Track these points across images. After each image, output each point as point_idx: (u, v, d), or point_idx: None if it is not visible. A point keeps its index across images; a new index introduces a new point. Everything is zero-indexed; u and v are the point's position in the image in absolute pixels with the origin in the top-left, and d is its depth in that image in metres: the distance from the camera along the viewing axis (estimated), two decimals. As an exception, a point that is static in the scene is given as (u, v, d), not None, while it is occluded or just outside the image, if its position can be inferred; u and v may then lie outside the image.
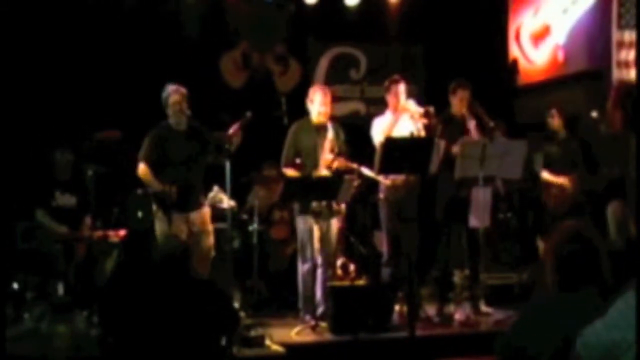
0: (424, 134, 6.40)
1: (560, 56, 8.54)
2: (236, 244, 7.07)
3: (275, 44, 8.72)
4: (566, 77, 8.45)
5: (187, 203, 6.03)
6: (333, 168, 6.31)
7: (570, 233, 2.73)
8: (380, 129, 6.47)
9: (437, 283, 6.87)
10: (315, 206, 6.20)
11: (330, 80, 8.93)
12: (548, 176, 7.00)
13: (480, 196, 6.29)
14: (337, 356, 5.78)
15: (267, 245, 7.41)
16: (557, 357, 2.46)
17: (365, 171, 6.43)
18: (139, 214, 6.89)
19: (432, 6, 8.80)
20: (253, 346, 5.52)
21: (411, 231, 6.37)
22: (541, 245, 7.04)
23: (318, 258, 6.29)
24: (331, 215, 6.36)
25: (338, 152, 6.36)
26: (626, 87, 6.79)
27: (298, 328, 6.04)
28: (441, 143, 6.23)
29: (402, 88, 6.54)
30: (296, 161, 6.35)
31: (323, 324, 6.09)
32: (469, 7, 8.75)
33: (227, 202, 6.28)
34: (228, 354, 4.51)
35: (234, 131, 5.83)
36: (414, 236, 6.37)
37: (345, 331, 5.85)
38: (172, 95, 6.03)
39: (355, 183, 6.33)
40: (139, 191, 6.83)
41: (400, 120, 6.49)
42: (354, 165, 6.40)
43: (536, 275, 6.88)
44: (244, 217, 7.14)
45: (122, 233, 6.71)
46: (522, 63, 9.12)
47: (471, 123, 6.58)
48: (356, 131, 6.92)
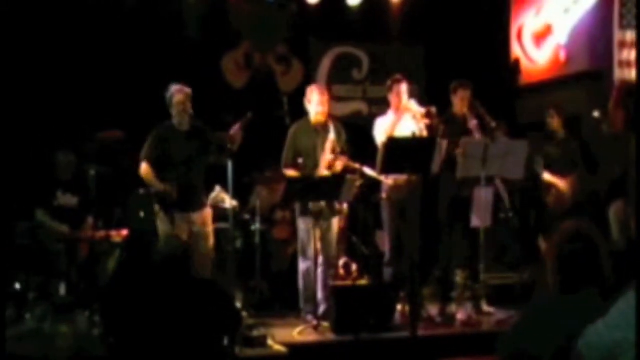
0: (426, 134, 6.40)
1: (562, 56, 8.54)
2: (238, 244, 7.07)
3: (277, 44, 8.72)
4: (568, 77, 8.45)
5: (189, 203, 6.04)
6: (334, 169, 6.31)
7: (571, 233, 2.73)
8: (382, 129, 6.47)
9: (439, 283, 6.87)
10: (313, 207, 6.20)
11: (332, 80, 8.95)
12: (548, 176, 6.99)
13: (482, 196, 6.29)
14: (339, 356, 5.78)
15: (270, 245, 7.41)
16: (559, 358, 2.46)
17: (367, 171, 6.43)
18: (141, 214, 6.90)
19: (434, 6, 8.80)
20: (255, 346, 5.53)
21: (413, 231, 6.37)
22: (542, 245, 7.04)
23: (319, 258, 6.30)
24: (332, 215, 6.37)
25: (340, 152, 6.35)
26: (628, 87, 6.80)
27: (300, 328, 6.04)
28: (443, 143, 6.22)
29: (405, 88, 6.54)
30: (298, 161, 6.35)
31: (325, 324, 6.09)
32: (471, 7, 8.75)
33: (229, 202, 6.28)
34: (230, 354, 4.51)
35: (235, 131, 5.83)
36: (416, 236, 6.36)
37: (347, 331, 5.85)
38: (176, 94, 6.03)
39: (357, 183, 6.34)
40: (141, 191, 6.83)
41: (402, 120, 6.49)
42: (356, 165, 6.40)
43: (537, 275, 6.88)
44: (246, 217, 7.15)
45: (124, 233, 6.72)
46: (524, 63, 9.12)
47: (473, 123, 6.58)
48: (358, 131, 6.93)
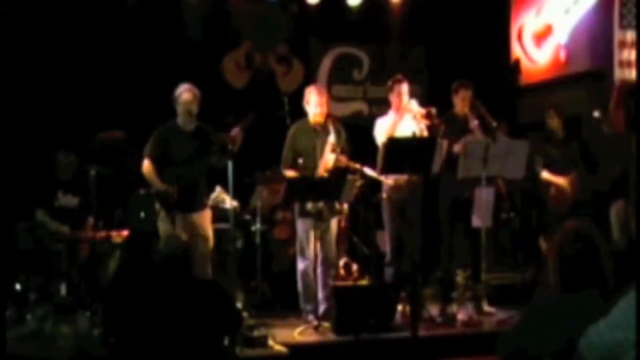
0: (427, 135, 6.39)
1: (562, 56, 8.54)
2: (239, 245, 7.07)
3: (277, 44, 8.72)
4: (568, 77, 8.45)
5: (190, 203, 6.04)
6: (333, 169, 6.30)
7: (572, 233, 2.73)
8: (383, 129, 6.47)
9: (440, 283, 6.87)
10: (311, 208, 6.20)
11: (332, 80, 8.95)
12: (547, 176, 6.99)
13: (483, 196, 6.29)
14: (340, 356, 5.78)
15: (270, 245, 7.41)
16: (560, 358, 2.46)
17: (367, 171, 6.43)
18: (142, 215, 6.90)
19: (435, 6, 8.79)
20: (256, 346, 5.53)
21: (414, 231, 6.37)
22: (543, 245, 7.04)
23: (318, 258, 6.30)
24: (331, 216, 6.36)
25: (340, 152, 6.35)
26: (628, 87, 6.80)
27: (301, 328, 6.04)
28: (444, 143, 6.22)
29: (405, 88, 6.54)
30: (298, 161, 6.35)
31: (326, 324, 6.09)
32: (471, 7, 8.75)
33: (230, 203, 6.28)
34: (231, 354, 4.51)
35: (236, 132, 5.84)
36: (417, 236, 6.36)
37: (347, 331, 5.85)
38: (184, 94, 6.05)
39: (358, 183, 6.33)
40: (142, 191, 6.83)
41: (403, 120, 6.49)
42: (357, 165, 6.40)
43: (538, 275, 6.87)
44: (247, 218, 7.14)
45: (125, 233, 6.72)
46: (524, 63, 9.12)
47: (473, 123, 6.58)
48: (359, 131, 6.92)
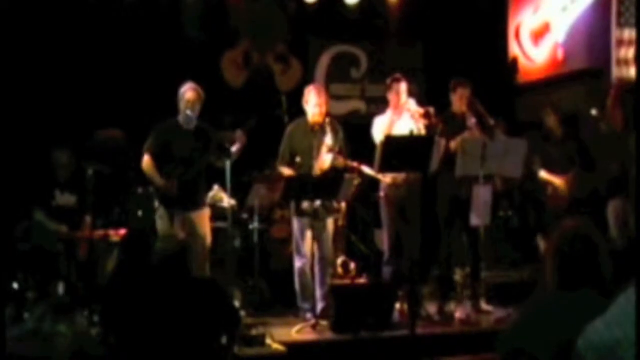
0: (425, 134, 6.39)
1: (560, 54, 8.54)
2: (237, 243, 7.07)
3: (276, 43, 8.72)
4: (566, 75, 8.45)
5: (189, 201, 6.06)
6: (329, 169, 6.30)
7: (570, 232, 2.73)
8: (380, 128, 6.47)
9: (438, 281, 6.87)
10: (307, 207, 6.20)
11: (330, 79, 8.95)
12: (546, 175, 6.99)
13: (481, 195, 6.30)
14: (338, 355, 5.78)
15: (268, 244, 7.41)
16: (558, 356, 2.46)
17: (365, 170, 6.43)
18: (140, 213, 6.90)
19: (432, 5, 8.80)
20: (254, 345, 5.53)
21: (412, 230, 6.37)
22: (542, 244, 7.04)
23: (315, 256, 6.31)
24: (326, 215, 6.35)
25: (338, 152, 6.36)
26: (626, 85, 6.81)
27: (299, 327, 6.04)
28: (442, 141, 6.23)
29: (404, 87, 6.53)
30: (296, 160, 6.35)
31: (324, 323, 6.09)
32: (469, 6, 8.76)
33: (228, 201, 6.29)
34: (229, 353, 4.51)
35: (240, 135, 5.89)
36: (415, 235, 6.36)
37: (346, 330, 5.86)
38: (188, 92, 6.07)
39: (355, 182, 6.34)
40: (140, 190, 6.84)
41: (401, 119, 6.49)
42: (355, 164, 6.40)
43: (537, 274, 6.88)
44: (245, 217, 7.15)
45: (123, 232, 6.71)
46: (522, 61, 9.13)
47: (471, 121, 6.58)
48: (357, 130, 6.92)
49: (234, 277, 6.33)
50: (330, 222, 6.44)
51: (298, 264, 6.40)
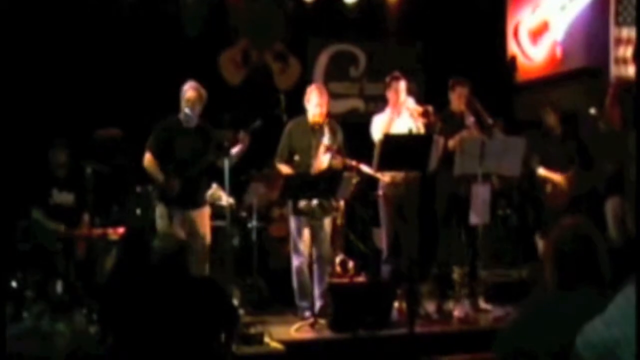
0: (424, 132, 6.40)
1: (558, 53, 8.55)
2: (235, 242, 7.07)
3: (274, 42, 8.71)
4: (564, 74, 8.46)
5: (189, 200, 6.05)
6: (327, 169, 6.30)
7: (569, 230, 2.73)
8: (379, 126, 6.47)
9: (437, 280, 6.87)
10: (303, 206, 6.20)
11: (329, 77, 8.94)
12: (545, 173, 7.00)
13: (479, 193, 6.30)
14: (337, 353, 5.78)
15: (267, 242, 7.41)
16: (557, 356, 2.46)
17: (364, 168, 6.43)
18: (138, 212, 6.90)
19: (431, 3, 8.80)
20: (252, 343, 5.53)
21: (411, 228, 6.38)
22: (540, 242, 7.05)
23: (313, 255, 6.31)
24: (324, 214, 6.35)
25: (336, 151, 6.36)
26: (624, 84, 6.81)
27: (297, 325, 6.05)
28: (440, 140, 6.23)
29: (403, 85, 6.54)
30: (295, 158, 6.35)
31: (322, 321, 6.09)
32: (468, 4, 8.76)
33: (226, 200, 6.29)
34: (228, 352, 4.51)
35: (243, 136, 5.90)
36: (414, 233, 6.37)
37: (344, 328, 5.86)
38: (188, 91, 6.07)
39: (354, 180, 6.35)
40: (139, 189, 6.83)
41: (399, 117, 6.49)
42: (353, 162, 6.40)
43: (535, 272, 6.88)
44: (243, 215, 7.14)
45: (121, 231, 6.71)
46: (521, 60, 9.13)
47: (470, 120, 6.59)
48: (355, 128, 6.92)
49: (233, 276, 6.33)
50: (327, 221, 6.44)
51: (296, 263, 6.40)
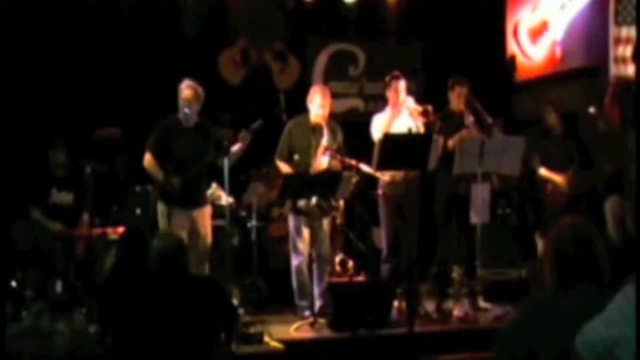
0: (423, 132, 6.40)
1: (557, 52, 8.54)
2: (235, 241, 7.07)
3: (274, 41, 8.71)
4: (564, 73, 8.46)
5: (190, 199, 6.05)
6: (326, 170, 6.31)
7: (568, 230, 2.73)
8: (379, 125, 6.48)
9: (436, 279, 6.87)
10: (303, 206, 6.20)
11: (328, 77, 8.94)
12: (545, 172, 7.00)
13: (479, 192, 6.30)
14: (336, 352, 5.78)
15: (266, 242, 7.41)
16: (556, 355, 2.47)
17: (363, 167, 6.43)
18: (138, 212, 6.90)
19: (431, 3, 8.80)
20: (252, 343, 5.52)
21: (410, 227, 6.38)
22: (540, 241, 7.05)
23: (312, 254, 6.31)
24: (322, 214, 6.35)
25: (336, 151, 6.36)
26: (624, 83, 6.81)
27: (297, 324, 6.05)
28: (439, 139, 6.23)
29: (403, 84, 6.54)
30: (294, 157, 6.35)
31: (322, 320, 6.09)
32: (468, 4, 8.76)
33: (226, 199, 6.28)
34: (227, 351, 4.51)
35: (244, 136, 5.89)
36: (413, 232, 6.37)
37: (344, 327, 5.86)
38: (184, 90, 6.05)
39: (353, 179, 6.35)
40: (138, 188, 6.83)
41: (399, 117, 6.49)
42: (353, 161, 6.40)
43: (534, 271, 6.88)
44: (243, 214, 7.14)
45: (121, 230, 6.71)
46: (520, 59, 9.13)
47: (469, 119, 6.59)
48: (354, 128, 6.93)
49: (232, 275, 6.33)
50: (327, 220, 6.44)
51: (295, 262, 6.40)
